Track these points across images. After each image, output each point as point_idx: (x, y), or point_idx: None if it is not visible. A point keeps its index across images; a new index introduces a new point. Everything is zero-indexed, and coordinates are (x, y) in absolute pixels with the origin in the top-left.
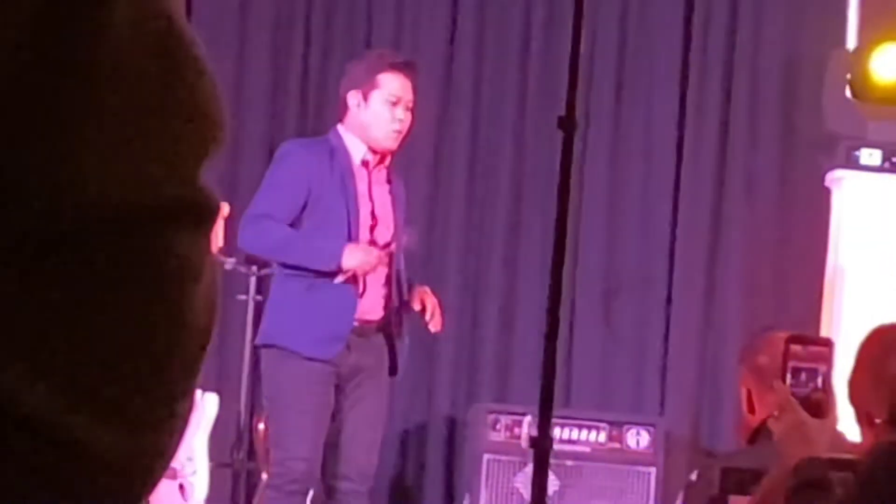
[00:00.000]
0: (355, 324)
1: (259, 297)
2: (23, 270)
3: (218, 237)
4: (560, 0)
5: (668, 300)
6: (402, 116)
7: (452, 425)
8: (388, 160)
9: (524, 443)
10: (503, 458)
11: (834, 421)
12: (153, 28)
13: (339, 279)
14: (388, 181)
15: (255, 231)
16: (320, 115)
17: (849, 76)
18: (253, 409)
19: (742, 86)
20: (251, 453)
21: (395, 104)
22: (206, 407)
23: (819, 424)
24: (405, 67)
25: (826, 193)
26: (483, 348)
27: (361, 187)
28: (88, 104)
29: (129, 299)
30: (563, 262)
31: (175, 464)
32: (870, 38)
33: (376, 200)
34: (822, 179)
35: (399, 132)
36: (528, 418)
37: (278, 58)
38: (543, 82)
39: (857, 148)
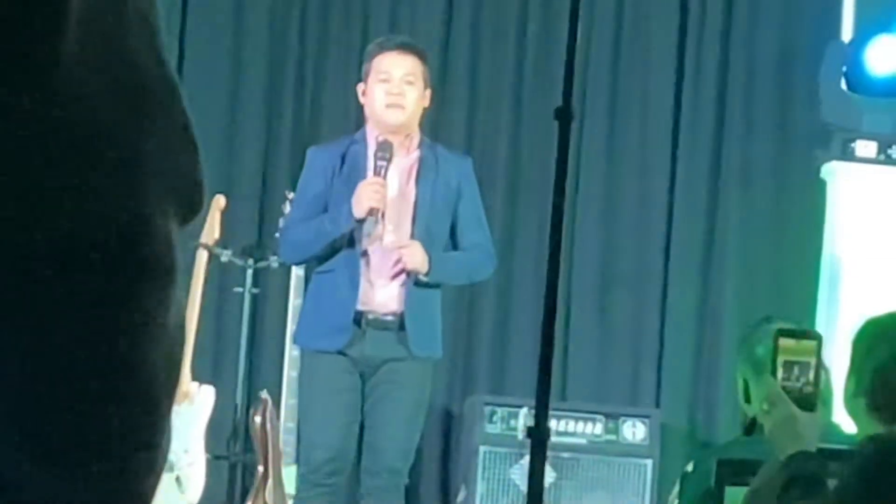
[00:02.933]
0: (369, 316)
1: (256, 290)
2: None
3: (214, 229)
4: None
5: (664, 292)
6: (398, 90)
7: (449, 417)
8: (413, 142)
9: (520, 434)
10: (499, 450)
11: (824, 414)
12: (118, 75)
13: (368, 223)
14: (419, 163)
15: (285, 244)
16: (317, 111)
17: (844, 68)
18: (249, 402)
19: (738, 78)
20: (248, 446)
21: (386, 81)
22: (202, 399)
23: (809, 418)
24: (396, 46)
25: (822, 185)
26: (479, 340)
27: (373, 174)
28: (55, 155)
29: (86, 347)
30: (560, 253)
31: (172, 456)
32: (865, 30)
33: (392, 186)
34: (818, 171)
35: (395, 105)
36: (524, 410)
37: (273, 57)
38: (540, 73)
39: (853, 140)
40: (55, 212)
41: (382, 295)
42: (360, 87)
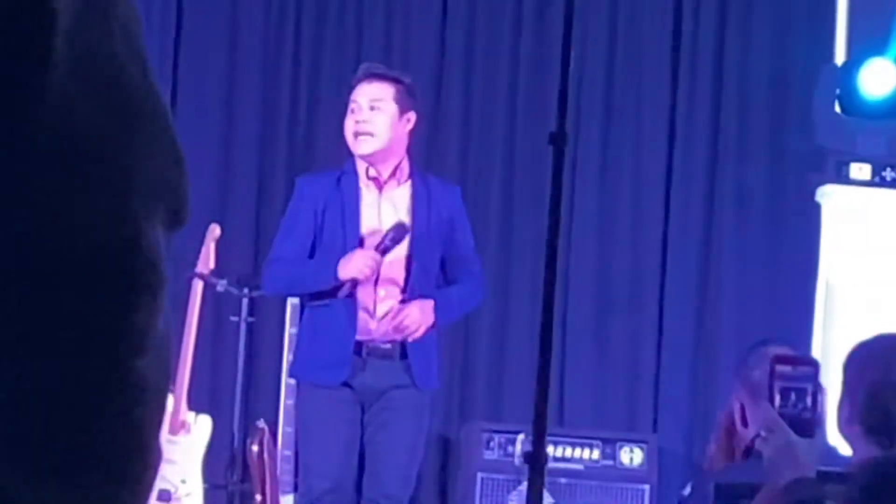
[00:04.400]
0: (370, 345)
1: (251, 319)
2: None
3: (210, 258)
4: (550, 16)
5: (660, 317)
6: (364, 118)
7: (446, 444)
8: (404, 172)
9: (518, 461)
10: (497, 476)
11: (822, 440)
12: (104, 89)
13: (343, 293)
14: (412, 195)
15: (267, 276)
16: (311, 140)
17: (838, 91)
18: (246, 431)
19: (731, 101)
20: (245, 475)
21: (353, 111)
22: (199, 429)
23: (807, 444)
24: (365, 75)
25: (816, 208)
26: (476, 367)
27: (368, 207)
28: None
29: (73, 359)
30: (555, 279)
31: (169, 486)
32: (858, 53)
33: (383, 215)
34: (813, 194)
35: (362, 133)
36: (521, 436)
37: (267, 86)
38: (533, 98)
39: (847, 162)
40: (41, 229)
41: (382, 324)
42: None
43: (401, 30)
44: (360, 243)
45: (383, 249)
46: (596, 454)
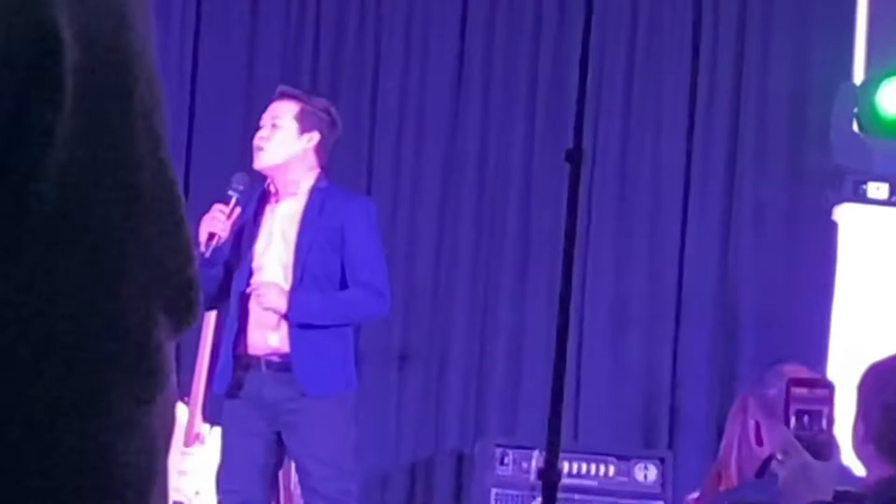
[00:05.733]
0: (261, 358)
1: None
2: None
3: None
4: (568, 33)
5: (676, 333)
6: (261, 134)
7: (460, 460)
8: (300, 187)
9: (532, 477)
10: (511, 492)
11: (838, 462)
12: (111, 171)
13: (208, 251)
14: (304, 208)
15: None
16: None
17: (856, 110)
18: None
19: (749, 119)
20: None
21: (258, 128)
22: (214, 441)
23: (823, 467)
24: (275, 96)
25: (833, 226)
26: (491, 383)
27: (265, 225)
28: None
29: (56, 446)
30: (571, 295)
31: (183, 498)
32: (877, 72)
33: (274, 226)
34: (830, 213)
35: (255, 148)
36: (536, 452)
37: None
38: (551, 115)
39: (865, 182)
40: (21, 306)
41: (270, 337)
42: None
43: (419, 42)
44: (248, 261)
45: (227, 198)
46: (611, 471)
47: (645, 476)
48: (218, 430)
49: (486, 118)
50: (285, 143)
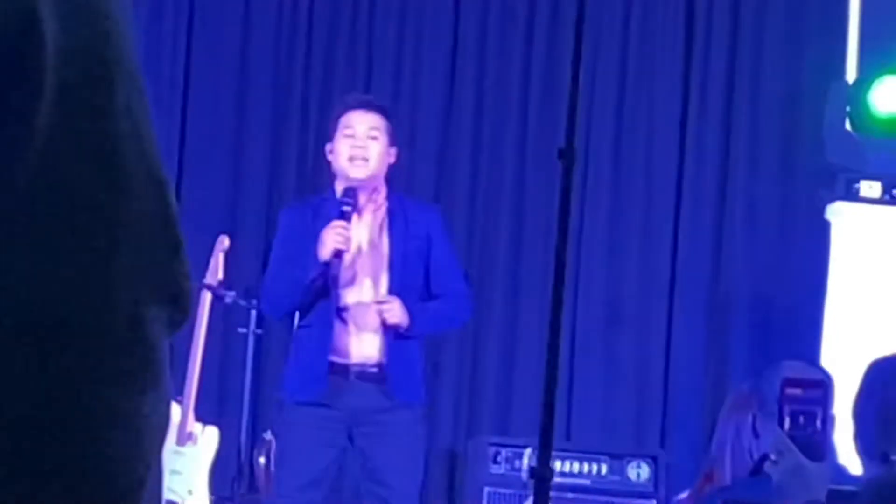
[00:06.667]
0: (353, 368)
1: (259, 331)
2: None
3: (218, 270)
4: (560, 32)
5: (669, 332)
6: (361, 144)
7: (453, 458)
8: (381, 196)
9: (525, 475)
10: (504, 490)
11: (832, 462)
12: (97, 163)
13: (334, 266)
14: (388, 216)
15: (263, 300)
16: (320, 152)
17: (848, 109)
18: (254, 443)
19: (742, 118)
20: (252, 486)
21: (350, 136)
22: (206, 440)
23: (817, 468)
24: (360, 104)
25: (826, 225)
26: (483, 381)
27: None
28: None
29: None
30: (563, 293)
31: (175, 497)
32: (869, 71)
33: (364, 240)
34: (823, 211)
35: (358, 158)
36: (528, 451)
37: (278, 99)
38: (544, 114)
39: (857, 180)
40: (14, 289)
41: (364, 347)
42: (328, 146)
43: (412, 44)
44: (333, 270)
45: (339, 214)
46: (603, 469)
47: (637, 475)
48: (212, 429)
49: (478, 117)
50: (382, 156)
